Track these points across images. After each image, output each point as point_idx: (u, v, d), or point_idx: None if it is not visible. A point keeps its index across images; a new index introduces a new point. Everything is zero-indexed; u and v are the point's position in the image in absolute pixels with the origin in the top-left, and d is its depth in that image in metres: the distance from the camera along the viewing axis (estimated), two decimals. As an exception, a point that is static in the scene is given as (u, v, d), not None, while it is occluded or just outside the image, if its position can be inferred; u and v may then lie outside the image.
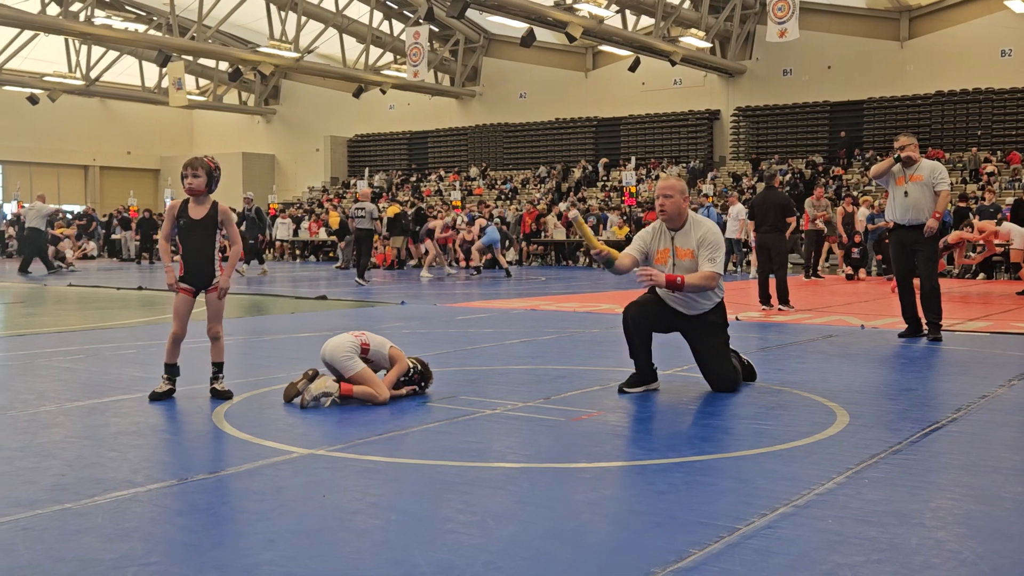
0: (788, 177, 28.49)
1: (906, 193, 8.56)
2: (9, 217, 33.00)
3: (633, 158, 30.56)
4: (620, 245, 24.39)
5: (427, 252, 21.67)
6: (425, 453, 4.36)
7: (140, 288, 15.74)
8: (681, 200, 5.90)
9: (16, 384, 6.31)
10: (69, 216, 32.44)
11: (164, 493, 3.72)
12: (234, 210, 5.82)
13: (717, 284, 5.86)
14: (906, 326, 8.86)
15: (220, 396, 5.60)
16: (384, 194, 34.58)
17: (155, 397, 5.54)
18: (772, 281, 12.07)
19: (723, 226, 22.22)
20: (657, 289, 5.99)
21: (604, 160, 33.24)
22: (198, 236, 5.66)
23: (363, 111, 38.65)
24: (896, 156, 8.62)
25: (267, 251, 29.02)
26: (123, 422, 5.01)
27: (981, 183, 24.97)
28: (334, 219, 26.17)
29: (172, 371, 5.62)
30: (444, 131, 38.06)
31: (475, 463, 4.16)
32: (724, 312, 6.12)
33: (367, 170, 35.46)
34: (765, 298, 11.97)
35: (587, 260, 25.44)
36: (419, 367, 5.74)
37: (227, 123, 42.89)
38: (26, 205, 22.70)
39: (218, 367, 5.68)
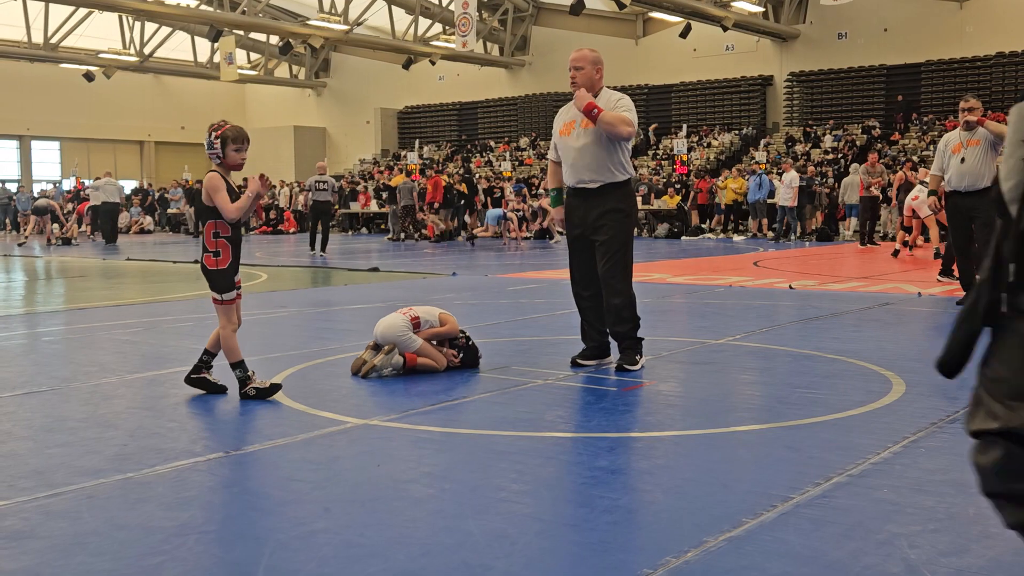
0: (842, 143, 28.01)
1: (963, 159, 8.39)
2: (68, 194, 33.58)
3: (684, 126, 30.24)
4: (672, 214, 24.19)
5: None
6: (478, 423, 4.39)
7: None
8: (593, 71, 5.65)
9: (78, 356, 6.46)
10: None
11: (222, 463, 3.79)
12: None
13: (632, 131, 5.48)
14: (964, 293, 8.70)
15: (217, 389, 5.10)
16: (433, 165, 34.64)
17: (265, 394, 4.93)
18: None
19: (773, 193, 21.98)
20: (565, 171, 5.73)
21: (654, 126, 32.94)
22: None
23: (413, 83, 38.65)
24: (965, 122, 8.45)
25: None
26: (182, 393, 5.11)
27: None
28: (397, 179, 26.23)
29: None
30: (494, 101, 37.93)
31: (527, 433, 4.18)
32: (628, 205, 5.65)
33: (417, 141, 35.47)
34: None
35: (639, 231, 25.28)
36: (470, 342, 5.74)
37: (278, 97, 43.16)
38: (87, 182, 23.57)
39: (212, 356, 5.16)
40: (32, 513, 3.16)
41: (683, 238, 23.05)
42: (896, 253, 15.32)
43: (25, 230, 26.07)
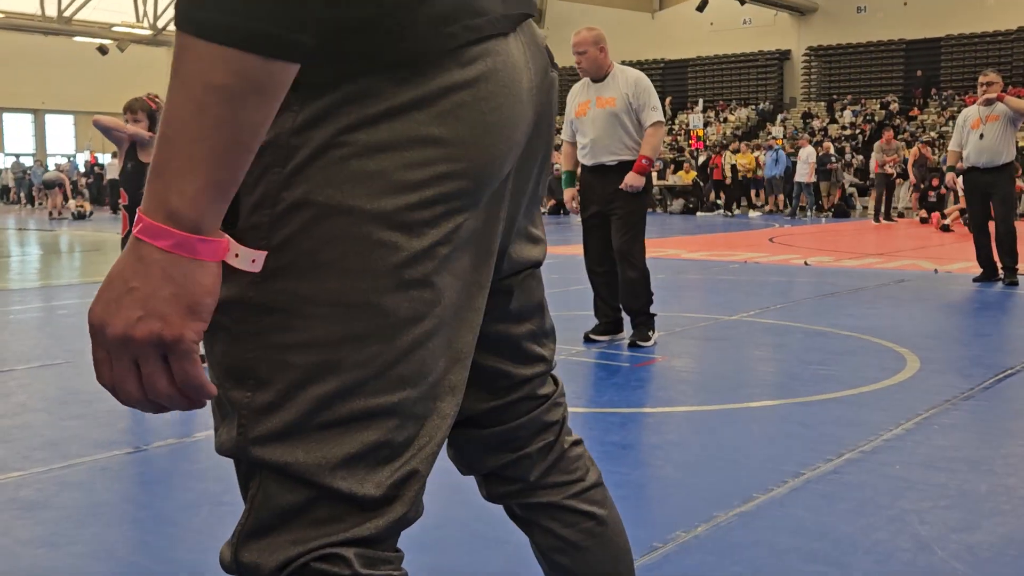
0: (860, 119, 27.81)
1: (981, 135, 8.32)
2: (83, 168, 33.70)
3: (701, 100, 30.08)
4: (687, 189, 24.11)
5: None
6: (489, 397, 4.39)
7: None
8: (597, 52, 5.55)
9: (93, 329, 6.49)
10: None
11: (235, 435, 3.81)
12: None
13: (663, 130, 5.57)
14: (981, 270, 8.65)
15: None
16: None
17: None
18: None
19: (792, 169, 21.85)
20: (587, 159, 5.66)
21: (669, 99, 32.78)
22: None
23: (427, 57, 38.52)
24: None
25: None
26: (195, 366, 5.13)
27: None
28: None
29: None
30: (508, 76, 37.77)
31: (539, 407, 4.17)
32: (645, 181, 5.56)
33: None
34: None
35: (653, 207, 25.17)
36: None
37: (293, 71, 43.13)
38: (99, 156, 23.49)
39: None
40: (47, 484, 3.19)
41: (698, 214, 22.97)
42: (945, 228, 15.29)
43: (47, 203, 25.86)
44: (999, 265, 8.51)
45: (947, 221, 15.78)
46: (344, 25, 0.90)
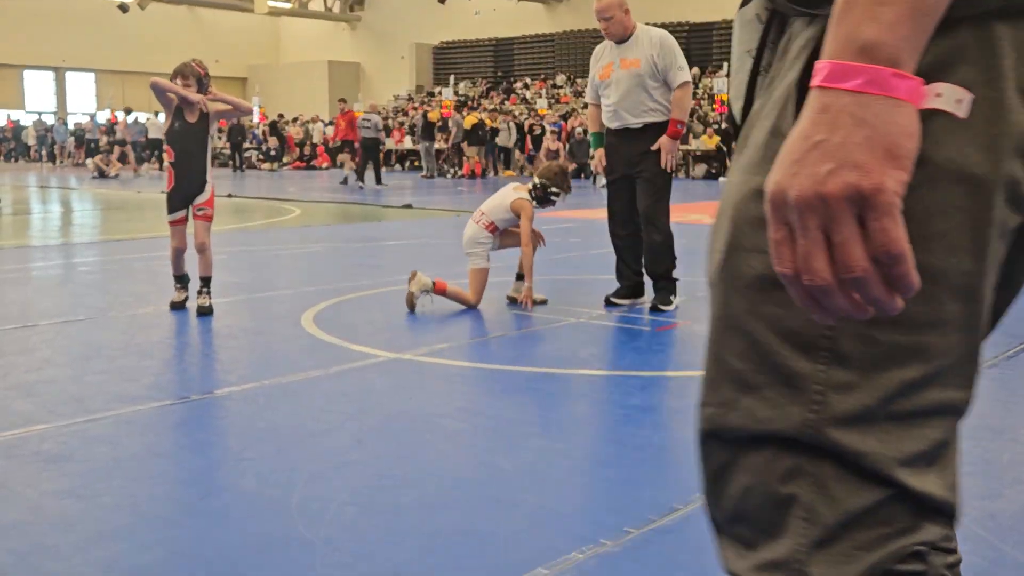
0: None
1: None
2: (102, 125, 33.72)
3: (725, 64, 29.72)
4: (710, 154, 23.95)
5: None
6: (510, 359, 4.40)
7: (230, 196, 16.03)
8: (622, 15, 5.52)
9: (115, 287, 6.53)
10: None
11: (256, 393, 3.83)
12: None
13: (690, 88, 5.58)
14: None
15: (203, 312, 5.34)
16: (467, 103, 34.39)
17: (175, 306, 5.46)
18: None
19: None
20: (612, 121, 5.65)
21: (695, 70, 32.47)
22: (193, 140, 5.45)
23: (448, 17, 38.23)
24: None
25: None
26: (215, 324, 5.16)
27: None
28: (433, 114, 25.91)
29: (184, 280, 5.56)
30: (530, 37, 37.45)
31: (560, 370, 4.18)
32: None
33: (452, 77, 35.19)
34: None
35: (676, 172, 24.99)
36: (538, 184, 5.79)
37: (313, 30, 42.90)
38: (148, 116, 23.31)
39: (205, 281, 5.43)
40: (71, 437, 3.22)
41: (721, 179, 22.82)
42: None
43: (110, 163, 24.71)
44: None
45: None
46: None
